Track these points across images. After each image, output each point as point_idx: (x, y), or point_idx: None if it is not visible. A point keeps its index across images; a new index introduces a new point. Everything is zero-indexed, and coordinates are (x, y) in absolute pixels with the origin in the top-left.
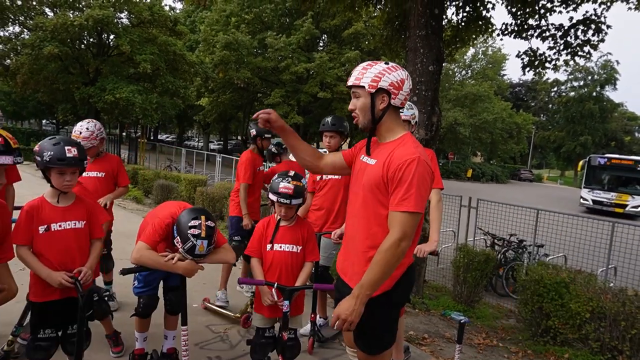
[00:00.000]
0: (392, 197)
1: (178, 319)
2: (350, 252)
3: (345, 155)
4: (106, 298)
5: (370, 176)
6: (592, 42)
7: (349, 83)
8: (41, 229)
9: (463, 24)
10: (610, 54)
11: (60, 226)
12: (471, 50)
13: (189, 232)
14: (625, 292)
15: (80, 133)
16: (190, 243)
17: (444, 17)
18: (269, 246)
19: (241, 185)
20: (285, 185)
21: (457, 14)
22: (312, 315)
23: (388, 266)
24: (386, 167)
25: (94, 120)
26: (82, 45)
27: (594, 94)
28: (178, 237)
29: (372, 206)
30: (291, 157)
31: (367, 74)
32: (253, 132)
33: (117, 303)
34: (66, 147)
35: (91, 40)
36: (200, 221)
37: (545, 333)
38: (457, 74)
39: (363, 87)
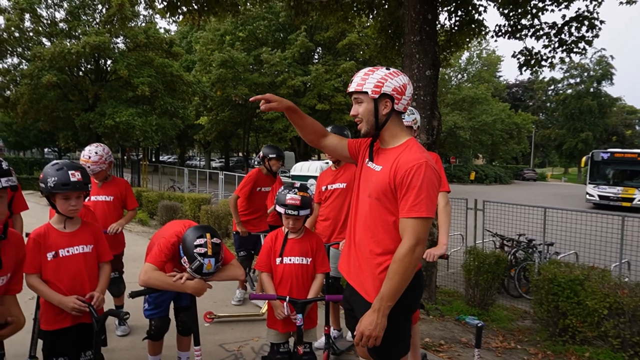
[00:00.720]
0: (402, 204)
1: (190, 340)
2: (358, 259)
3: (350, 144)
4: (125, 318)
5: (376, 183)
6: (586, 38)
7: (351, 89)
8: (49, 255)
9: (456, 28)
10: (604, 49)
11: (68, 252)
12: (466, 54)
13: (195, 251)
14: None
15: (90, 157)
16: (198, 262)
17: (437, 22)
18: (278, 260)
19: (232, 196)
20: (292, 197)
21: (450, 19)
22: (326, 328)
23: (406, 274)
24: (393, 174)
25: (102, 144)
26: (80, 72)
27: (591, 90)
28: (185, 257)
29: (379, 213)
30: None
31: (369, 80)
32: (261, 153)
33: (128, 327)
34: (70, 172)
35: (89, 66)
36: (205, 239)
37: (564, 332)
38: (453, 78)
39: (366, 92)
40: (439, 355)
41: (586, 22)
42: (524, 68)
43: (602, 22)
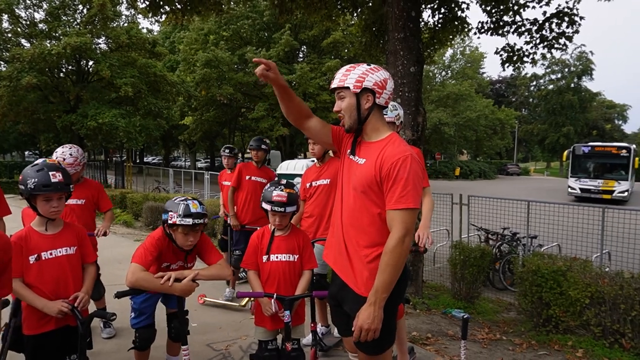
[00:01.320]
0: (388, 196)
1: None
2: (345, 251)
3: (333, 130)
4: (112, 319)
5: (360, 177)
6: (567, 34)
7: (333, 85)
8: (31, 259)
9: (439, 25)
10: (584, 45)
11: (51, 254)
12: (449, 51)
13: (177, 200)
14: (622, 275)
15: (64, 159)
16: (183, 205)
17: (421, 19)
18: (265, 257)
19: (230, 188)
20: (278, 194)
21: (434, 16)
22: (312, 325)
23: (398, 265)
24: (378, 166)
25: (75, 146)
26: (61, 74)
27: (572, 85)
28: (170, 213)
29: (364, 206)
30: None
31: (350, 75)
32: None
33: (113, 329)
34: (50, 173)
35: (70, 67)
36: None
37: (547, 322)
38: (437, 75)
39: (348, 87)
40: (426, 348)
41: (566, 18)
42: (507, 64)
43: (581, 18)
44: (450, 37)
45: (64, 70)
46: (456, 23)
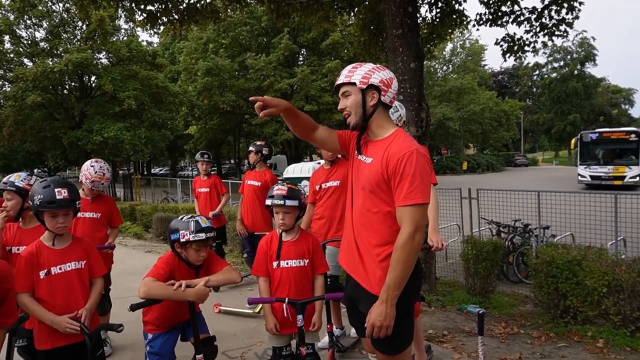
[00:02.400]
0: (397, 192)
1: None
2: (358, 252)
3: (340, 135)
4: (119, 331)
5: (369, 175)
6: (567, 21)
7: (340, 81)
8: (42, 274)
9: (438, 19)
10: (585, 31)
11: (60, 269)
12: (449, 45)
13: (185, 218)
14: (639, 262)
15: (104, 174)
16: (192, 222)
17: (419, 15)
18: (275, 264)
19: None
20: (279, 188)
21: (431, 11)
22: (329, 326)
23: (409, 261)
24: (385, 163)
25: (102, 160)
26: (65, 90)
27: (576, 72)
28: (182, 232)
29: (374, 205)
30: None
31: (357, 72)
32: None
33: (111, 348)
34: (56, 189)
35: (73, 84)
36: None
37: (565, 314)
38: (439, 70)
39: (354, 84)
40: (443, 346)
41: (565, 5)
42: (508, 55)
43: (581, 3)
44: (450, 31)
45: (67, 87)
46: (454, 16)
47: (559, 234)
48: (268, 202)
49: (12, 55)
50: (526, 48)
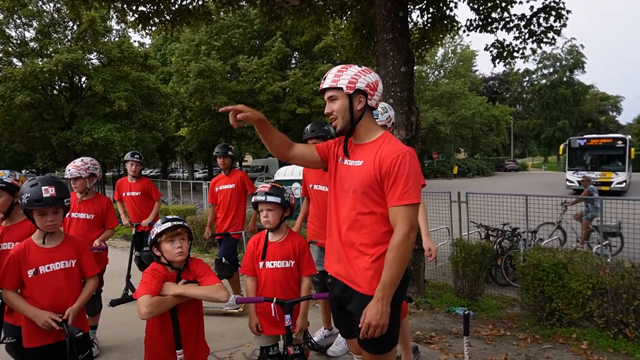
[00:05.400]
0: (390, 193)
1: None
2: (347, 257)
3: (319, 148)
4: (78, 337)
5: (360, 177)
6: (555, 28)
7: (325, 85)
8: (30, 272)
9: (429, 25)
10: (574, 38)
11: (48, 268)
12: (441, 50)
13: (158, 222)
14: (622, 265)
15: (74, 162)
16: (161, 219)
17: (410, 20)
18: (260, 264)
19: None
20: (262, 185)
21: (422, 16)
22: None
23: (404, 260)
24: (378, 165)
25: (93, 158)
26: (54, 91)
27: (565, 79)
28: (152, 230)
29: (365, 206)
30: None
31: (343, 76)
32: None
33: (98, 349)
34: (43, 188)
35: (63, 84)
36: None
37: (551, 316)
38: (430, 75)
39: (340, 88)
40: (431, 347)
41: (553, 12)
42: (497, 60)
43: (568, 11)
44: (441, 36)
45: (57, 87)
46: (445, 22)
47: (546, 238)
48: (253, 200)
49: (0, 55)
50: (515, 54)
